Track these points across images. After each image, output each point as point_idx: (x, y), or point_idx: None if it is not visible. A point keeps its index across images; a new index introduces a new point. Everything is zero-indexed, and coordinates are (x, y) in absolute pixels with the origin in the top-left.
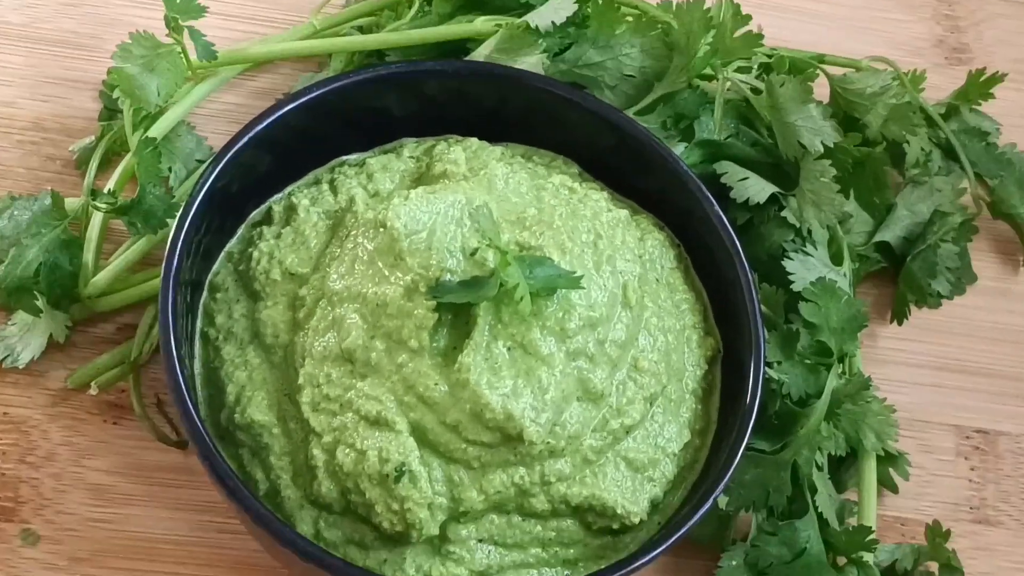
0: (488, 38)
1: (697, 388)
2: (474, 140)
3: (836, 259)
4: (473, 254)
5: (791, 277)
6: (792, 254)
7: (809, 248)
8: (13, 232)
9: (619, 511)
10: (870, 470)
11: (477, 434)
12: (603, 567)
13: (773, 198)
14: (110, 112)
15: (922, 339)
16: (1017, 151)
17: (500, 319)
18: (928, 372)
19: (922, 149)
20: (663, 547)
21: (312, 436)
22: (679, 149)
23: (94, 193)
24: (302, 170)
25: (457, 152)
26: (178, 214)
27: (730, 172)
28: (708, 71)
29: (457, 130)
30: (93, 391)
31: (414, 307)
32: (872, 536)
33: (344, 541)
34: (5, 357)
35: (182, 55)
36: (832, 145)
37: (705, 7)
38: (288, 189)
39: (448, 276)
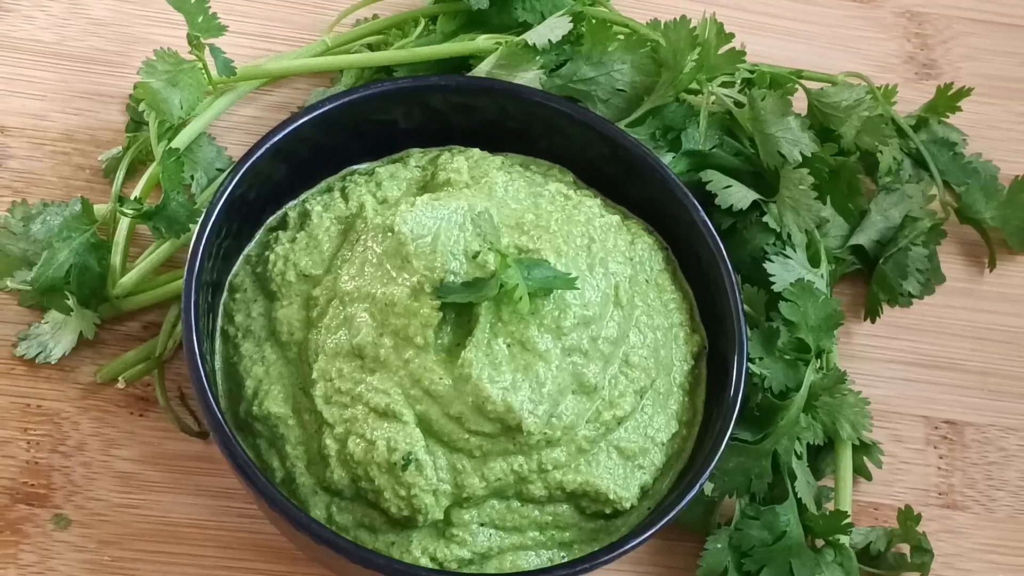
0: (489, 55)
1: (684, 382)
2: (476, 150)
3: (814, 261)
4: (475, 257)
5: (772, 278)
6: (773, 257)
7: (788, 251)
8: (46, 236)
9: (611, 497)
10: (846, 458)
11: (479, 425)
12: (596, 549)
13: (755, 204)
14: (136, 124)
15: (894, 336)
16: (982, 160)
17: (500, 317)
18: (899, 367)
19: (894, 158)
20: (652, 531)
21: (325, 427)
22: (667, 159)
23: (121, 200)
24: (315, 178)
25: (460, 161)
26: (200, 220)
27: (715, 180)
28: (694, 86)
29: (460, 141)
30: (120, 385)
31: (420, 306)
32: (848, 520)
33: (355, 525)
34: (39, 353)
35: (203, 71)
36: (810, 155)
37: (691, 26)
38: (302, 196)
39: (451, 277)
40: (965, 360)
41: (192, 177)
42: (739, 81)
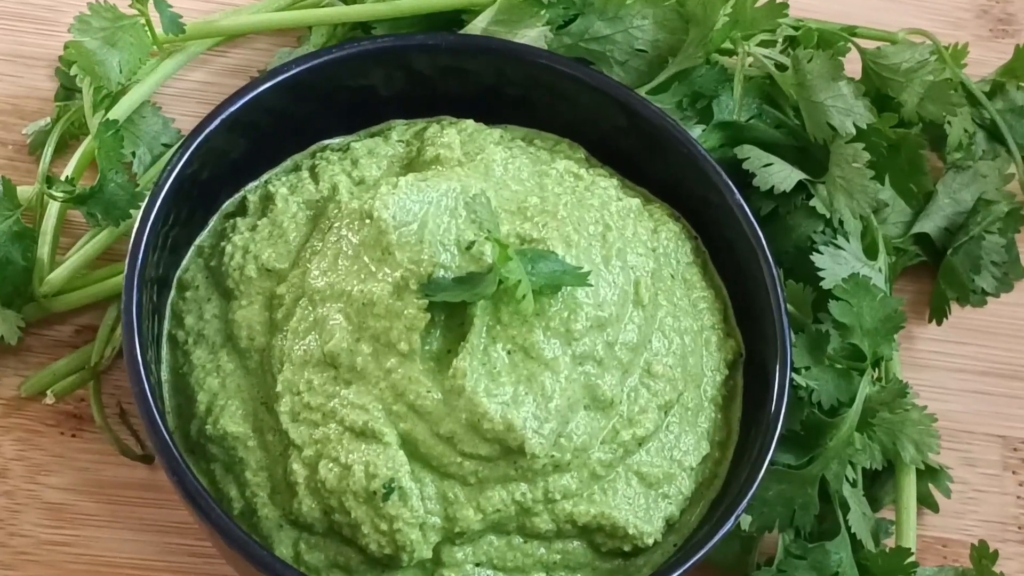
0: (485, 9)
1: (717, 395)
2: (470, 122)
3: (870, 252)
4: (469, 248)
5: (820, 273)
6: (821, 247)
7: (840, 241)
8: None
9: (631, 531)
10: (909, 486)
11: (474, 447)
12: None
13: (800, 186)
14: (67, 91)
15: (965, 341)
16: None
17: (499, 319)
18: (972, 377)
19: (964, 131)
20: (680, 571)
21: (292, 449)
22: (696, 131)
23: (50, 180)
24: (280, 155)
25: (451, 135)
26: (143, 204)
27: (752, 157)
28: (728, 45)
29: (451, 111)
30: (49, 400)
31: (404, 306)
32: (911, 559)
33: (327, 565)
34: None
35: (146, 28)
36: (865, 127)
37: None
38: (264, 177)
39: (441, 272)
40: None
41: (134, 154)
42: (781, 39)
